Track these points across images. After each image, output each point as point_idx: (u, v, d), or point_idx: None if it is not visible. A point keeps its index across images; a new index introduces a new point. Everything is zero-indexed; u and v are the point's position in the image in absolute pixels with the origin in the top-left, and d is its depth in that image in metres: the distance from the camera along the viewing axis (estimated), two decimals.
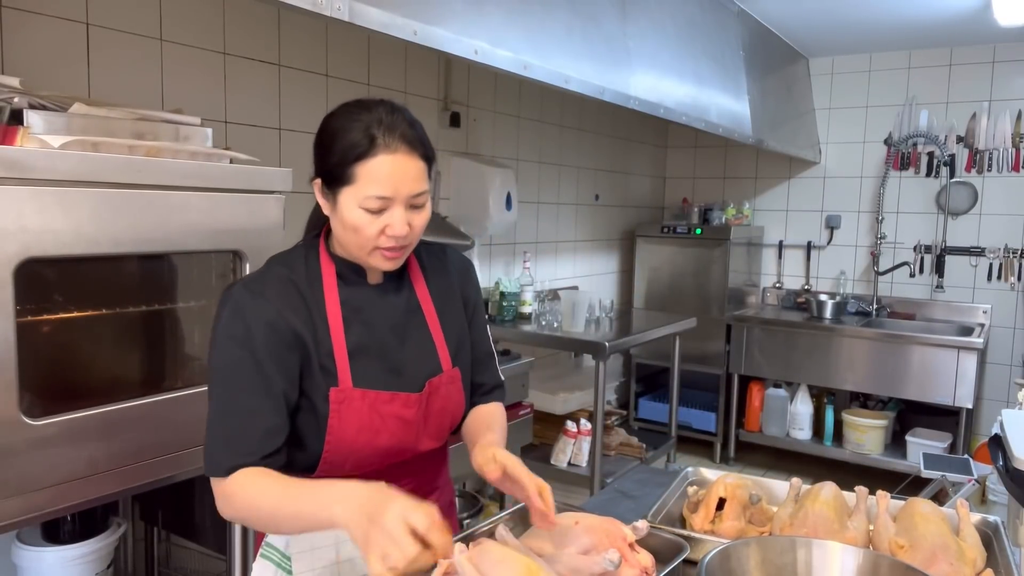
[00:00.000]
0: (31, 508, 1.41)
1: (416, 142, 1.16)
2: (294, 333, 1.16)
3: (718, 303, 4.57)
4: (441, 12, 1.84)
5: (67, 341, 1.56)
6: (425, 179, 1.18)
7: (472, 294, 1.40)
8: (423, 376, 1.27)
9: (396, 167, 1.13)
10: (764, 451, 4.66)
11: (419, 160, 1.16)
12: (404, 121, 1.17)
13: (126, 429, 1.54)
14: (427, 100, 3.20)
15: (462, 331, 1.36)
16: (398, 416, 1.23)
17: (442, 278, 1.36)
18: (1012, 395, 4.30)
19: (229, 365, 1.14)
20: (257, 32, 2.46)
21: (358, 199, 1.13)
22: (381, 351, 1.24)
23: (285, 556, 1.23)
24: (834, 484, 1.42)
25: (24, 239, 1.34)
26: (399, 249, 1.18)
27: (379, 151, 1.12)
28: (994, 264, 4.36)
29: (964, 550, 1.21)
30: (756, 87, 3.79)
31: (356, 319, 1.23)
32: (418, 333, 1.29)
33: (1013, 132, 4.27)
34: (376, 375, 1.22)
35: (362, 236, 1.15)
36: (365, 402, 1.20)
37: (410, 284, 1.31)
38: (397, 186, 1.13)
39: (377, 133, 1.13)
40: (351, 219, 1.15)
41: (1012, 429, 1.82)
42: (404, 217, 1.15)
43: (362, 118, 1.15)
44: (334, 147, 1.15)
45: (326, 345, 1.19)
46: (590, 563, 1.11)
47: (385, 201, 1.13)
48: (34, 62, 1.88)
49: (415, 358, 1.27)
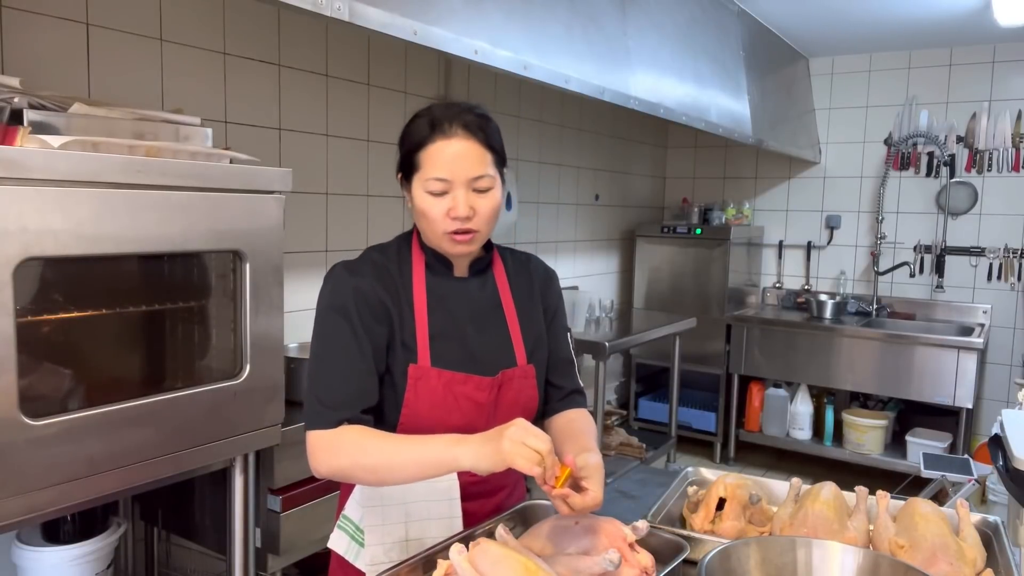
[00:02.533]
0: (31, 508, 1.41)
1: (476, 129, 1.24)
2: (384, 309, 1.27)
3: (718, 303, 4.57)
4: (441, 12, 1.84)
5: (67, 341, 1.56)
6: (486, 164, 1.24)
7: (553, 301, 1.46)
8: (498, 365, 1.33)
9: (453, 150, 1.22)
10: (764, 451, 4.66)
11: (478, 145, 1.23)
12: (470, 113, 1.25)
13: (126, 429, 1.54)
14: (427, 100, 3.18)
15: (540, 333, 1.41)
16: (470, 397, 1.29)
17: (524, 282, 1.42)
18: (1012, 395, 4.30)
19: (329, 332, 1.25)
20: (257, 32, 2.46)
21: (423, 183, 1.23)
22: (460, 337, 1.32)
23: (359, 529, 1.31)
24: (834, 484, 1.42)
25: (24, 239, 1.34)
26: (466, 233, 1.24)
27: (437, 137, 1.22)
28: (994, 264, 4.36)
29: (964, 550, 1.21)
30: (756, 87, 3.79)
31: (440, 306, 1.31)
32: (496, 326, 1.36)
33: (1013, 132, 4.27)
34: (453, 358, 1.30)
35: (430, 220, 1.24)
36: (440, 381, 1.27)
37: (494, 282, 1.39)
38: (454, 168, 1.21)
39: (437, 122, 1.23)
40: (420, 204, 1.25)
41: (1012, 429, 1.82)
42: (466, 199, 1.22)
43: (432, 113, 1.26)
44: (405, 140, 1.28)
45: (410, 325, 1.28)
46: (590, 563, 1.11)
47: (445, 183, 1.22)
48: (34, 62, 1.88)
49: (492, 348, 1.34)
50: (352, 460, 1.18)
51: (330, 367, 1.24)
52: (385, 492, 1.30)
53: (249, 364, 1.78)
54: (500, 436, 1.07)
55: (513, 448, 1.05)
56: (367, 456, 1.16)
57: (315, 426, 1.21)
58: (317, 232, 2.74)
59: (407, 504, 1.31)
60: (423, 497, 1.30)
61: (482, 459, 1.08)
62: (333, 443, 1.18)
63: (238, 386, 1.77)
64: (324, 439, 1.19)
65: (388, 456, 1.15)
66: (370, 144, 2.93)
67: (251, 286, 1.77)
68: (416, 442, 1.15)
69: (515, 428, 1.07)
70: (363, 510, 1.31)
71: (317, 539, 2.12)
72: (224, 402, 1.74)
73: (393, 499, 1.30)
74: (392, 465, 1.15)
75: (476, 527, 1.26)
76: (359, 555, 1.30)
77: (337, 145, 2.79)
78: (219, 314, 1.81)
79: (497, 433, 1.08)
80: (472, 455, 1.09)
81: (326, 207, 2.76)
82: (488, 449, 1.08)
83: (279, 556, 2.04)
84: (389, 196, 3.04)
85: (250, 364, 1.78)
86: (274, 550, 2.03)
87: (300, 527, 2.05)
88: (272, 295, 1.82)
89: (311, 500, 2.07)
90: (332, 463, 1.19)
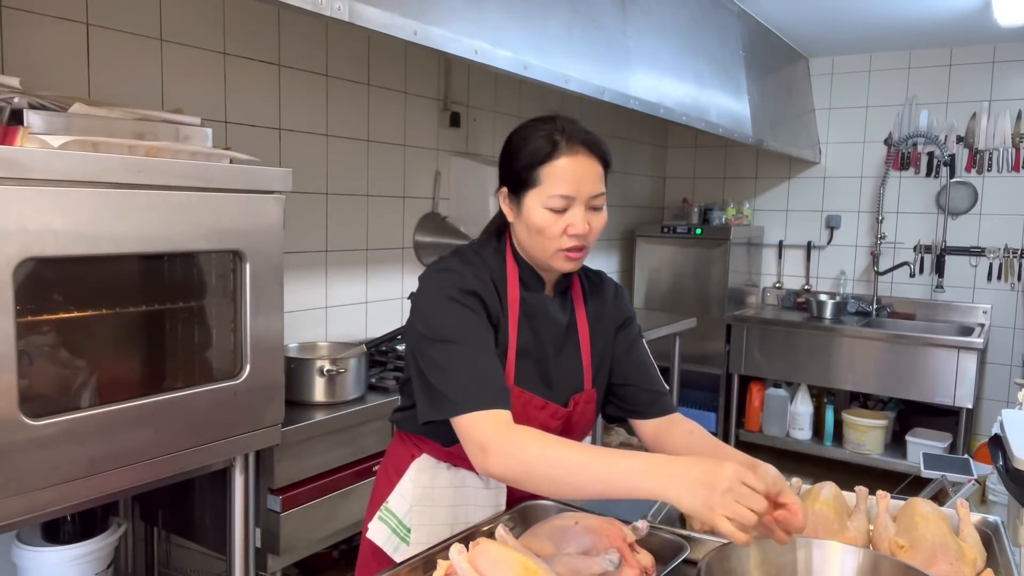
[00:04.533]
0: (31, 508, 1.41)
1: (595, 146, 1.24)
2: (492, 315, 1.26)
3: (718, 303, 4.57)
4: (441, 12, 1.84)
5: (67, 341, 1.56)
6: (603, 182, 1.26)
7: (625, 311, 1.45)
8: (568, 391, 1.34)
9: (578, 167, 1.22)
10: (764, 451, 4.65)
11: (598, 163, 1.24)
12: (582, 129, 1.25)
13: (126, 429, 1.54)
14: (427, 100, 3.20)
15: (605, 354, 1.41)
16: (544, 423, 1.28)
17: (597, 302, 1.42)
18: (1012, 395, 4.29)
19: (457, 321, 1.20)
20: (257, 32, 2.46)
21: (543, 199, 1.22)
22: (540, 359, 1.32)
23: (403, 525, 1.32)
24: (834, 484, 1.42)
25: (24, 239, 1.34)
26: (579, 250, 1.25)
27: (561, 153, 1.22)
28: (994, 264, 4.36)
29: (964, 550, 1.21)
30: (756, 87, 3.79)
31: (528, 323, 1.31)
32: (571, 350, 1.36)
33: (1013, 132, 4.27)
34: (532, 379, 1.30)
35: (546, 236, 1.24)
36: (520, 401, 1.26)
37: (572, 302, 1.39)
38: (579, 185, 1.22)
39: (559, 138, 1.22)
40: (536, 220, 1.23)
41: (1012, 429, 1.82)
42: (584, 216, 1.23)
43: (544, 128, 1.25)
44: (520, 155, 1.25)
45: (504, 338, 1.28)
46: (590, 563, 1.11)
47: (568, 200, 1.22)
48: (34, 62, 1.88)
49: (565, 373, 1.35)
50: (529, 466, 1.08)
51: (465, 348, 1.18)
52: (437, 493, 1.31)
53: (249, 364, 1.78)
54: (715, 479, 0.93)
55: (726, 505, 0.91)
56: (548, 464, 1.07)
57: (471, 407, 1.12)
58: (317, 232, 2.74)
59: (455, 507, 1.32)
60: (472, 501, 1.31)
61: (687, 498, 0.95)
62: (506, 440, 1.10)
63: (238, 386, 1.77)
64: (492, 431, 1.11)
65: (574, 470, 1.05)
66: (370, 144, 2.93)
67: (251, 286, 1.77)
68: (603, 458, 1.04)
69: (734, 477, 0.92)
70: (410, 506, 1.31)
71: (317, 539, 2.12)
72: (224, 402, 1.74)
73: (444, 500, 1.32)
74: (576, 481, 1.05)
75: (476, 527, 1.26)
76: (398, 549, 1.32)
77: (337, 145, 2.79)
78: (219, 314, 1.81)
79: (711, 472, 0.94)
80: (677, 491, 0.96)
81: (326, 207, 2.76)
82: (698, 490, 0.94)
83: (279, 556, 2.03)
84: (389, 196, 3.04)
85: (250, 364, 1.78)
86: (274, 550, 2.03)
87: (300, 527, 2.05)
88: (272, 295, 1.82)
89: (311, 500, 2.07)
90: (507, 464, 1.10)
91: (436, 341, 1.19)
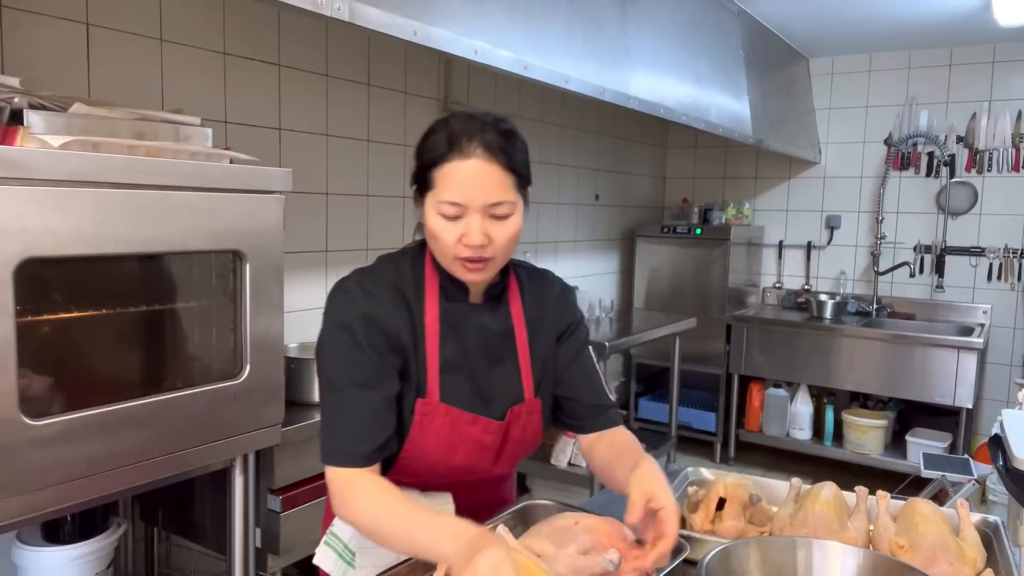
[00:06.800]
0: (31, 508, 1.41)
1: (497, 151, 1.12)
2: (398, 338, 1.19)
3: (718, 303, 4.57)
4: (441, 12, 1.84)
5: (67, 341, 1.56)
6: (506, 189, 1.14)
7: (568, 318, 1.36)
8: (506, 403, 1.27)
9: (471, 173, 1.11)
10: (764, 451, 4.65)
11: (499, 169, 1.13)
12: (493, 130, 1.14)
13: (126, 429, 1.54)
14: (427, 100, 3.20)
15: (548, 360, 1.34)
16: (476, 439, 1.24)
17: (538, 305, 1.34)
18: (1012, 395, 4.29)
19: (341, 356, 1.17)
20: (257, 32, 2.46)
21: (435, 204, 1.14)
22: (470, 371, 1.25)
23: (348, 549, 1.27)
24: (834, 484, 1.42)
25: (24, 239, 1.34)
26: (479, 261, 1.16)
27: (454, 156, 1.12)
28: (994, 264, 4.36)
29: (964, 550, 1.21)
30: (756, 87, 3.79)
31: (452, 335, 1.24)
32: (507, 359, 1.29)
33: (1013, 132, 4.27)
34: (462, 394, 1.24)
35: (441, 244, 1.16)
36: (448, 419, 1.21)
37: (507, 309, 1.30)
38: (469, 192, 1.11)
39: (457, 139, 1.12)
40: (431, 225, 1.16)
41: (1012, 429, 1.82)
42: (481, 226, 1.13)
43: (452, 125, 1.14)
44: (420, 153, 1.17)
45: (422, 355, 1.21)
46: (590, 563, 1.11)
47: (458, 208, 1.12)
48: (34, 62, 1.88)
49: (501, 383, 1.28)
50: (355, 517, 1.12)
51: (345, 395, 1.16)
52: None
53: (249, 364, 1.78)
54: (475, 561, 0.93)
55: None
56: (368, 518, 1.10)
57: (332, 461, 1.15)
58: (317, 232, 2.74)
59: None
60: None
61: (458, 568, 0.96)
62: (347, 490, 1.12)
63: (238, 386, 1.77)
64: (339, 482, 1.14)
65: (386, 528, 1.08)
66: (370, 144, 2.93)
67: (251, 286, 1.77)
68: (415, 521, 1.06)
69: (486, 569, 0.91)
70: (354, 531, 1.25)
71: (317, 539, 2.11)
72: (224, 402, 1.74)
73: None
74: (386, 537, 1.09)
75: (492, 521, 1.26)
76: (346, 574, 1.27)
77: (337, 145, 2.79)
78: (219, 314, 1.81)
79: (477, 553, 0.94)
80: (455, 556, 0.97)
81: (326, 207, 2.76)
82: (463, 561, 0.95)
83: (279, 556, 2.04)
84: (389, 196, 3.04)
85: (250, 364, 1.78)
86: (274, 550, 2.03)
87: (300, 527, 2.05)
88: (272, 295, 1.82)
89: (311, 500, 2.07)
90: (343, 513, 1.14)
91: (323, 380, 1.19)
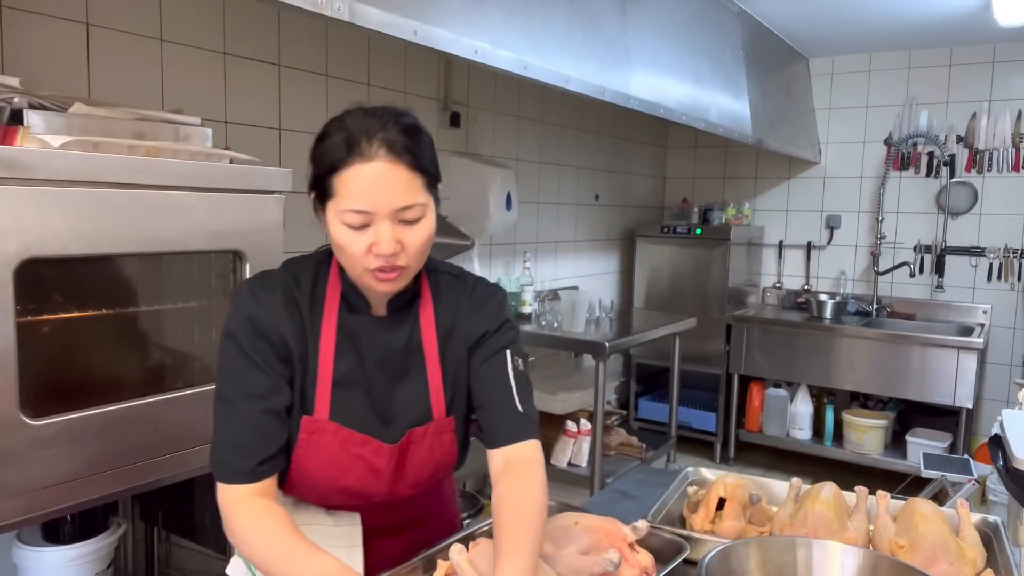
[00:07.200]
0: (31, 508, 1.40)
1: (402, 150, 1.04)
2: (285, 347, 1.11)
3: (718, 303, 4.57)
4: (441, 12, 1.84)
5: (67, 341, 1.56)
6: (416, 192, 1.05)
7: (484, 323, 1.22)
8: (407, 423, 1.17)
9: (375, 177, 1.02)
10: (764, 451, 4.66)
11: (405, 170, 1.04)
12: (394, 128, 1.05)
13: (126, 429, 1.54)
14: (427, 100, 3.20)
15: (461, 374, 1.23)
16: (367, 462, 1.15)
17: (451, 314, 1.22)
18: (1012, 395, 4.29)
19: (229, 366, 1.11)
20: (257, 32, 2.46)
21: (338, 214, 1.05)
22: (368, 388, 1.16)
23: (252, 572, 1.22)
24: (834, 484, 1.42)
25: (24, 239, 1.34)
26: (392, 270, 1.07)
27: (354, 160, 1.02)
28: (994, 264, 4.36)
29: (964, 550, 1.21)
30: (756, 87, 3.79)
31: (350, 348, 1.15)
32: (413, 375, 1.19)
33: (1013, 132, 4.27)
34: (357, 413, 1.15)
35: (349, 256, 1.07)
36: (337, 439, 1.13)
37: (417, 320, 1.20)
38: (376, 198, 1.02)
39: (355, 140, 1.03)
40: (336, 237, 1.07)
41: (1012, 429, 1.82)
42: (392, 233, 1.04)
43: (347, 124, 1.05)
44: (316, 158, 1.08)
45: (312, 370, 1.13)
46: (590, 563, 1.11)
47: (365, 216, 1.03)
48: (34, 62, 1.88)
49: (404, 402, 1.18)
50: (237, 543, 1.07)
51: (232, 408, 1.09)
52: None
53: None
54: None
55: None
56: (248, 547, 1.05)
57: (218, 477, 1.08)
58: (317, 232, 2.72)
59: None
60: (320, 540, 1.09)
61: None
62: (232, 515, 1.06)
63: None
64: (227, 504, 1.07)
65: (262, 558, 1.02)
66: None
67: None
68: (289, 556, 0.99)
69: None
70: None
71: None
72: None
73: None
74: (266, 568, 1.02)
75: (476, 527, 1.26)
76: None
77: None
78: (219, 314, 1.81)
79: None
80: None
81: None
82: None
83: None
84: None
85: None
86: None
87: None
88: None
89: None
90: (229, 537, 1.08)
91: (216, 392, 1.12)
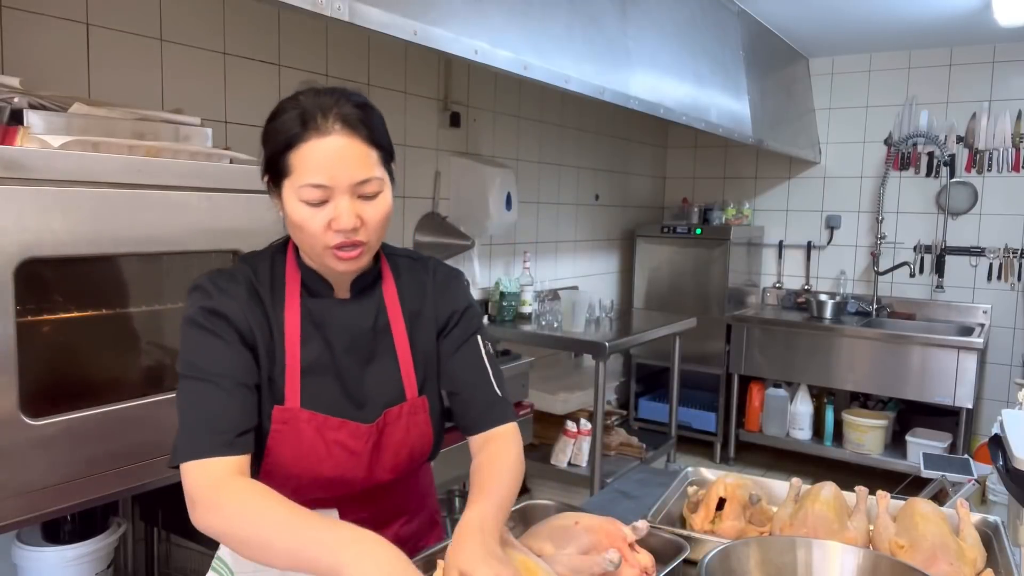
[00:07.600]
0: (31, 508, 1.40)
1: (357, 123, 1.04)
2: (252, 335, 1.10)
3: (718, 303, 4.57)
4: (441, 12, 1.84)
5: (67, 341, 1.56)
6: (373, 166, 1.06)
7: (451, 305, 1.24)
8: (381, 404, 1.17)
9: (332, 151, 1.02)
10: (764, 451, 4.66)
11: (362, 143, 1.04)
12: (348, 103, 1.05)
13: (126, 429, 1.54)
14: (427, 100, 3.20)
15: (432, 355, 1.23)
16: (344, 446, 1.13)
17: (417, 295, 1.23)
18: (1012, 395, 4.30)
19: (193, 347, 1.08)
20: (257, 32, 2.46)
21: (296, 191, 1.04)
22: (339, 372, 1.15)
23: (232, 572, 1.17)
24: (834, 484, 1.42)
25: (24, 239, 1.34)
26: (353, 247, 1.06)
27: (311, 135, 1.02)
28: (994, 264, 4.36)
29: (964, 550, 1.21)
30: (756, 87, 3.79)
31: (316, 335, 1.14)
32: (382, 356, 1.18)
33: (1013, 132, 4.27)
34: (329, 398, 1.13)
35: (308, 234, 1.05)
36: (311, 425, 1.11)
37: (381, 301, 1.19)
38: (334, 172, 1.02)
39: (311, 115, 1.03)
40: (293, 215, 1.06)
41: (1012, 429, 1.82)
42: (351, 208, 1.04)
43: (303, 102, 1.05)
44: (270, 137, 1.08)
45: (279, 359, 1.11)
46: (590, 563, 1.11)
47: (324, 191, 1.03)
48: (34, 62, 1.88)
49: (375, 383, 1.17)
50: (228, 524, 0.96)
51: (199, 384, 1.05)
52: None
53: None
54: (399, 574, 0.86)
55: None
56: (245, 525, 0.95)
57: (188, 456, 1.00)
58: None
59: None
60: None
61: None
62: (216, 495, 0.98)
63: None
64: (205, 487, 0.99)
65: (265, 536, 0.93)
66: None
67: None
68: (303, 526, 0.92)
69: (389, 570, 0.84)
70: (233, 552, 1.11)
71: None
72: None
73: None
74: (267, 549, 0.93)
75: None
76: None
77: None
78: None
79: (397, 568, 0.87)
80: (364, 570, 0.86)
81: None
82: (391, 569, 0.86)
83: None
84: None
85: None
86: None
87: None
88: None
89: None
90: (210, 521, 0.97)
91: (182, 376, 1.07)
